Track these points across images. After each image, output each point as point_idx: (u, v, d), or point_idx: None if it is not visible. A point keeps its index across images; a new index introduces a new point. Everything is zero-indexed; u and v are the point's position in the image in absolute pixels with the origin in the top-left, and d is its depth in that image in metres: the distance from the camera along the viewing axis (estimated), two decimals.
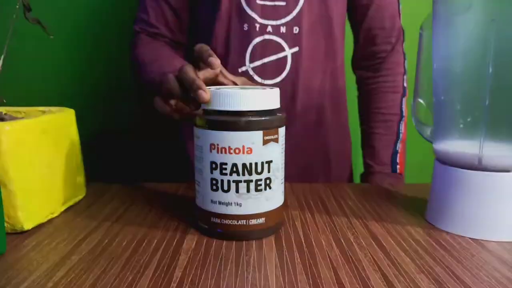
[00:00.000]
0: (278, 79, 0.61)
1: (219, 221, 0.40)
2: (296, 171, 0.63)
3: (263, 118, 0.38)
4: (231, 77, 0.49)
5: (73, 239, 0.40)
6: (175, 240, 0.40)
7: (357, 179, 0.72)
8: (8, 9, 0.65)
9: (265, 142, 0.39)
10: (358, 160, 0.72)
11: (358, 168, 0.73)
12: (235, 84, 0.49)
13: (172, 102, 0.46)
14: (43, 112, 0.52)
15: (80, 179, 0.52)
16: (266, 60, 0.61)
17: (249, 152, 0.38)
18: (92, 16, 0.88)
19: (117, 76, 0.90)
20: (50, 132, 0.45)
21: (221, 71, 0.48)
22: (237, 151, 0.38)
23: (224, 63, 0.62)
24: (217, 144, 0.38)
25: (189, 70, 0.42)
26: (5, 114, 0.48)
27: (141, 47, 0.63)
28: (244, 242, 0.39)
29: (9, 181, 0.39)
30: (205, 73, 0.45)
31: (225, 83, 0.48)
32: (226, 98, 0.38)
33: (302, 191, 0.56)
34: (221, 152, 0.38)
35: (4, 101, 0.48)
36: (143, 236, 0.41)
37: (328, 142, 0.66)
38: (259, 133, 0.38)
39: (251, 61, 0.61)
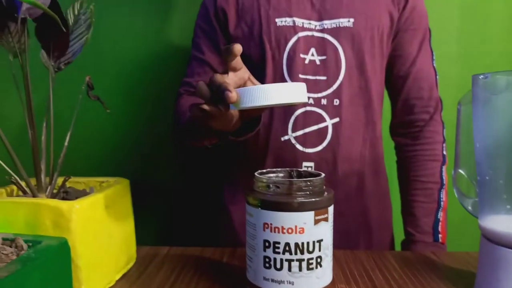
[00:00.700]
0: (319, 148, 0.64)
1: None
2: (337, 237, 0.64)
3: (314, 199, 0.40)
4: (258, 83, 0.52)
5: None
6: None
7: (398, 245, 0.72)
8: (71, 87, 0.73)
9: (316, 222, 0.40)
10: (398, 226, 0.72)
11: (398, 234, 0.73)
12: None
13: (205, 107, 0.47)
14: (101, 182, 0.56)
15: (133, 246, 0.55)
16: (307, 130, 0.64)
17: (301, 232, 0.40)
18: (141, 87, 0.95)
19: (161, 140, 0.95)
20: (111, 206, 0.49)
21: (249, 77, 0.50)
22: (290, 230, 0.40)
23: (268, 131, 0.65)
24: (271, 224, 0.40)
25: (217, 75, 0.45)
26: (69, 187, 0.52)
27: (182, 99, 0.69)
28: None
29: (76, 256, 0.42)
30: (233, 78, 0.48)
31: None
32: (253, 93, 0.41)
33: (345, 259, 0.56)
34: (275, 231, 0.40)
35: (70, 177, 0.52)
36: None
37: (369, 208, 0.67)
38: (311, 214, 0.40)
39: (294, 130, 0.64)
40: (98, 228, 0.45)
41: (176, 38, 0.93)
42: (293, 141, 0.64)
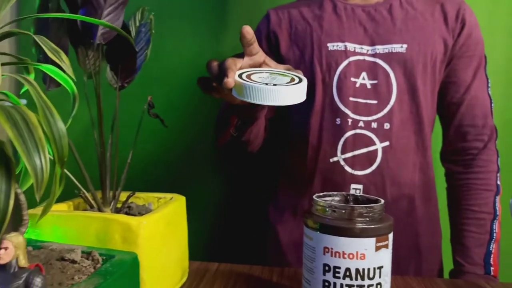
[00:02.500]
0: (368, 171, 0.64)
1: None
2: None
3: (375, 226, 0.41)
4: (274, 65, 0.53)
5: None
6: None
7: (446, 275, 0.71)
8: (128, 103, 0.76)
9: (377, 248, 0.41)
10: (446, 253, 0.71)
11: (445, 261, 0.72)
12: None
13: (213, 83, 0.52)
14: (158, 198, 0.58)
15: (186, 261, 0.56)
16: (357, 152, 0.64)
17: (362, 258, 0.40)
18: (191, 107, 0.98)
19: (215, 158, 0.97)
20: (171, 222, 0.51)
21: (264, 60, 0.53)
22: (351, 256, 0.40)
23: (316, 152, 0.66)
24: (331, 248, 0.41)
25: (229, 59, 0.49)
26: (131, 202, 0.55)
27: None
28: None
29: (142, 270, 0.44)
30: (248, 61, 0.51)
31: None
32: (254, 91, 0.44)
33: (395, 285, 0.56)
34: (335, 256, 0.41)
35: (134, 193, 0.54)
36: None
37: (419, 233, 0.66)
38: (372, 240, 0.40)
39: (343, 152, 0.65)
40: (160, 243, 0.47)
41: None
42: (342, 162, 0.65)
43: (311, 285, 0.43)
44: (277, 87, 0.45)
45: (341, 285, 0.41)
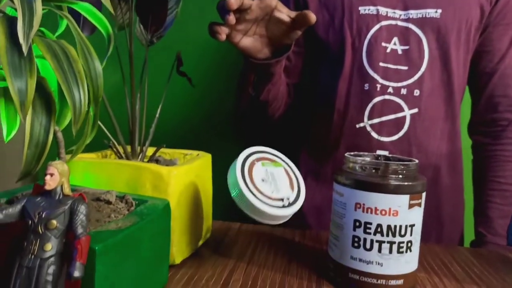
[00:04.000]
0: (395, 137, 0.63)
1: (357, 277, 0.41)
2: None
3: (410, 183, 0.40)
4: (286, 11, 0.53)
5: (219, 278, 0.44)
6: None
7: (467, 245, 0.70)
8: (157, 61, 0.75)
9: (411, 206, 0.40)
10: (467, 226, 0.70)
11: (466, 234, 0.71)
12: (290, 17, 0.52)
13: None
14: (185, 154, 0.58)
15: (210, 218, 0.57)
16: (384, 118, 0.63)
17: (395, 214, 0.40)
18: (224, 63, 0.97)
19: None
20: (200, 176, 0.51)
21: (276, 6, 0.52)
22: (383, 212, 0.40)
23: (343, 118, 0.66)
24: (363, 204, 0.41)
25: None
26: (158, 156, 0.55)
27: None
28: None
29: (172, 219, 0.44)
30: (259, 4, 0.51)
31: (281, 17, 0.52)
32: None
33: (421, 251, 0.56)
34: (367, 212, 0.41)
35: (164, 146, 0.54)
36: (282, 282, 0.43)
37: (442, 203, 0.66)
38: (406, 197, 0.40)
39: (370, 118, 0.64)
40: (188, 194, 0.47)
41: None
42: (369, 128, 0.64)
43: (339, 241, 0.43)
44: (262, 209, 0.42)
45: (371, 240, 0.41)
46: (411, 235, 0.41)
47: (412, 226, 0.41)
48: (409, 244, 0.41)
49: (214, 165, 0.58)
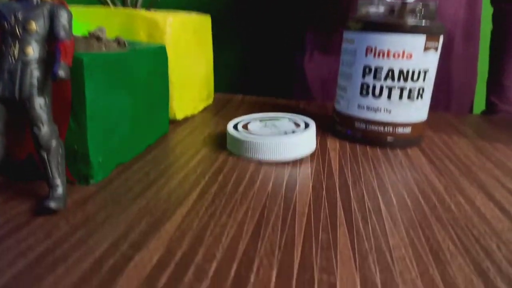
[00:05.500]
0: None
1: (364, 126, 0.40)
2: None
3: (428, 24, 0.37)
4: None
5: (220, 135, 0.43)
6: (318, 141, 0.41)
7: None
8: None
9: (426, 48, 0.37)
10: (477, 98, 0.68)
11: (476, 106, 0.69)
12: None
13: None
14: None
15: (211, 83, 0.54)
16: None
17: (409, 57, 0.37)
18: None
19: None
20: (199, 33, 0.47)
21: None
22: (396, 55, 0.37)
23: None
24: (375, 47, 0.38)
25: None
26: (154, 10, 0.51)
27: None
28: (388, 149, 0.40)
29: (170, 70, 0.42)
30: None
31: None
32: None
33: (429, 118, 0.54)
34: (378, 56, 0.38)
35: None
36: None
37: (453, 71, 0.62)
38: (422, 38, 0.37)
39: None
40: (187, 49, 0.44)
41: None
42: None
43: (347, 91, 0.41)
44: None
45: (381, 87, 0.38)
46: (424, 80, 0.38)
47: (425, 71, 0.38)
48: (421, 91, 0.39)
49: (217, 32, 0.54)
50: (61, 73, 0.22)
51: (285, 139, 0.33)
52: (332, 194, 0.28)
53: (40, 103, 0.23)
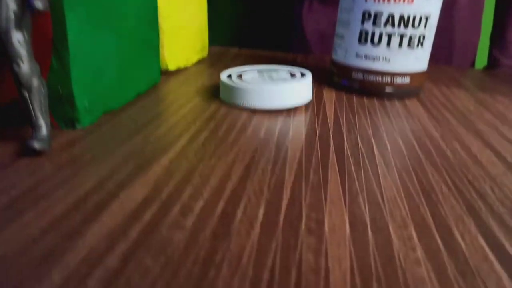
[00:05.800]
0: None
1: (361, 76, 0.39)
2: None
3: None
4: None
5: (215, 84, 0.42)
6: (314, 92, 0.40)
7: None
8: None
9: None
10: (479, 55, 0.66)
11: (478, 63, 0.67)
12: None
13: None
14: None
15: (206, 36, 0.53)
16: None
17: (410, 1, 0.35)
18: None
19: None
20: None
21: None
22: None
23: None
24: None
25: None
26: None
27: None
28: (385, 99, 0.39)
29: (161, 18, 0.40)
30: None
31: None
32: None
33: (430, 70, 0.53)
34: (378, 0, 0.36)
35: None
36: None
37: (456, 26, 0.60)
38: None
39: None
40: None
41: None
42: None
43: (344, 39, 0.39)
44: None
45: (380, 34, 0.37)
46: (425, 27, 0.37)
47: (427, 17, 0.36)
48: (421, 39, 0.37)
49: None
50: (38, 3, 0.21)
51: (279, 87, 0.32)
52: (326, 140, 0.28)
53: (18, 38, 0.22)
